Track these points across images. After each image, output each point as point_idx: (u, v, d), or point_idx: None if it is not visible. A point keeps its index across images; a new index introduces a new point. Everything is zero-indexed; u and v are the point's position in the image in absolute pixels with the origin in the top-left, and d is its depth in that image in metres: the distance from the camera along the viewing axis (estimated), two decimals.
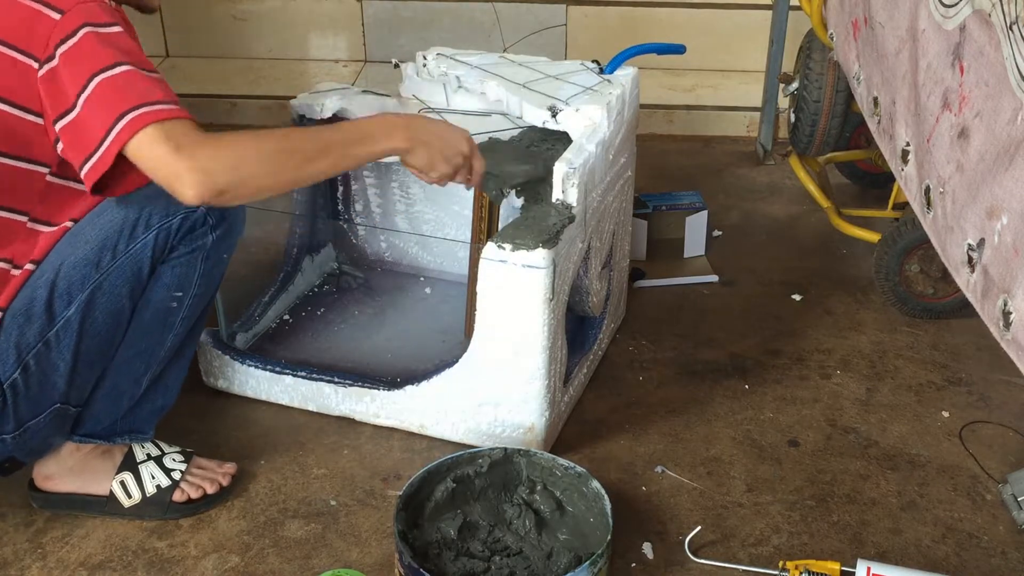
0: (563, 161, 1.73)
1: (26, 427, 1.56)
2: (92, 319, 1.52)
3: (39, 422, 1.57)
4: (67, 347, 1.52)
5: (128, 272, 1.51)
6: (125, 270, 1.51)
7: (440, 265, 2.31)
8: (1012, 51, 1.28)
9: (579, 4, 3.46)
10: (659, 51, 2.09)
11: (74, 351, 1.52)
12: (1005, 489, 1.75)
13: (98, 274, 1.50)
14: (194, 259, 1.57)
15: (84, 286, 1.50)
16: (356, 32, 3.59)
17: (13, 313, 1.49)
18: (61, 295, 1.49)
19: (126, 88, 1.36)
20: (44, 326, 1.50)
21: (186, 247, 1.55)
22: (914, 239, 2.18)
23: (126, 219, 1.50)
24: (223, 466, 1.78)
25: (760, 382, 2.07)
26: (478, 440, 1.83)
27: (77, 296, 1.50)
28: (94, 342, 1.54)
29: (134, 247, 1.51)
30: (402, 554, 1.51)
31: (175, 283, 1.57)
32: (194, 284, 1.59)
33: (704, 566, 1.63)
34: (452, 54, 2.11)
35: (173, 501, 1.71)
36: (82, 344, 1.53)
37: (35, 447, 1.64)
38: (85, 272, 1.49)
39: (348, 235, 2.34)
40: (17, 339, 1.49)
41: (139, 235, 1.51)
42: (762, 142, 3.02)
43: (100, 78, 1.35)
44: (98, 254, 1.49)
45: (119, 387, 1.64)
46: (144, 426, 1.72)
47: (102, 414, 1.66)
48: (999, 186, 1.30)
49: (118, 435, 1.70)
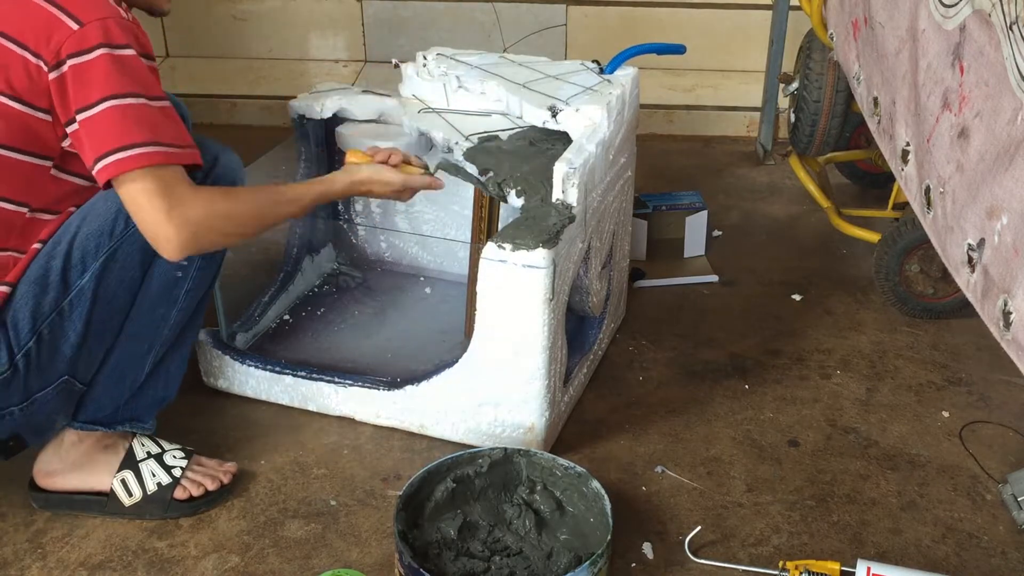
0: (563, 161, 1.73)
1: (34, 399, 1.58)
2: (105, 287, 1.55)
3: (47, 394, 1.59)
4: (79, 316, 1.55)
5: (140, 240, 1.53)
6: (137, 237, 1.53)
7: (440, 265, 2.31)
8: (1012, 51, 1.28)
9: (579, 4, 3.46)
10: (659, 51, 2.09)
11: (86, 320, 1.55)
12: (1005, 489, 1.75)
13: (112, 242, 1.53)
14: None
15: (98, 255, 1.53)
16: (356, 32, 3.59)
17: (28, 282, 1.52)
18: (76, 264, 1.53)
19: (133, 120, 1.42)
20: (59, 295, 1.53)
21: None
22: (914, 239, 2.18)
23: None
24: (224, 465, 1.79)
25: (760, 382, 2.07)
26: (478, 440, 1.83)
27: (91, 265, 1.53)
28: (106, 311, 1.57)
29: None
30: (402, 554, 1.51)
31: None
32: (198, 255, 1.61)
33: (704, 566, 1.63)
34: (452, 54, 2.11)
35: (174, 499, 1.72)
36: (94, 313, 1.56)
37: (40, 423, 1.66)
38: (99, 241, 1.53)
39: (348, 235, 2.34)
40: (33, 308, 1.52)
41: None
42: (762, 142, 3.02)
43: (109, 104, 1.41)
44: (112, 223, 1.53)
45: (123, 367, 1.66)
46: (145, 415, 1.74)
47: (105, 398, 1.68)
48: (999, 186, 1.30)
49: (119, 423, 1.72)
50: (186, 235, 1.45)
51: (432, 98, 2.07)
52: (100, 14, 1.43)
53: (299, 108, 2.07)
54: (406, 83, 2.10)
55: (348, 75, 3.53)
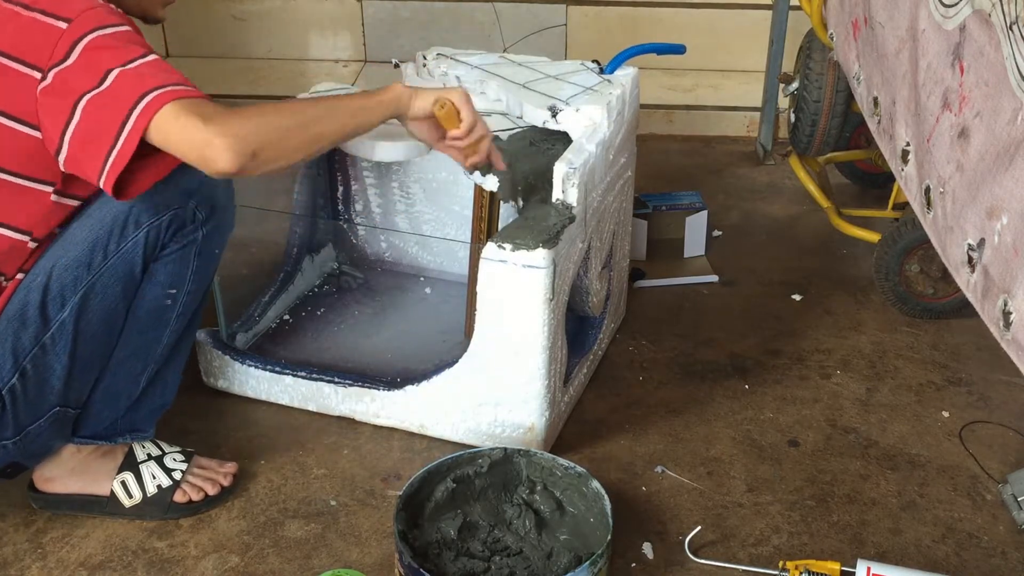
0: (563, 161, 1.73)
1: (26, 432, 1.56)
2: (86, 320, 1.51)
3: (39, 426, 1.57)
4: (63, 350, 1.51)
5: (120, 271, 1.51)
6: (117, 269, 1.50)
7: (440, 265, 2.31)
8: (1012, 51, 1.28)
9: (579, 4, 3.46)
10: (659, 51, 2.09)
11: (70, 353, 1.52)
12: (1005, 489, 1.75)
13: (90, 275, 1.49)
14: (186, 255, 1.56)
15: (77, 288, 1.49)
16: (356, 32, 3.59)
17: (7, 318, 1.48)
18: (55, 298, 1.49)
19: (144, 75, 1.36)
20: (39, 330, 1.49)
21: (177, 243, 1.54)
22: (914, 239, 2.18)
23: (116, 219, 1.49)
24: (224, 466, 1.78)
25: (760, 382, 2.07)
26: (478, 440, 1.83)
27: (70, 298, 1.49)
28: (90, 343, 1.54)
29: (125, 246, 1.50)
30: (402, 554, 1.51)
31: (168, 280, 1.57)
32: (187, 280, 1.59)
33: (704, 566, 1.63)
34: (452, 54, 2.11)
35: (174, 501, 1.72)
36: (78, 346, 1.52)
37: (36, 451, 1.64)
38: (77, 274, 1.49)
39: (348, 235, 2.34)
40: (13, 344, 1.48)
41: (129, 234, 1.50)
42: (762, 142, 3.02)
43: (118, 71, 1.35)
44: (89, 255, 1.49)
45: (117, 387, 1.64)
46: (144, 425, 1.72)
47: (102, 415, 1.66)
48: (999, 186, 1.30)
49: (119, 435, 1.70)
50: (230, 138, 1.33)
51: None
52: (85, 5, 1.39)
53: None
54: (406, 83, 2.09)
55: (348, 75, 3.53)
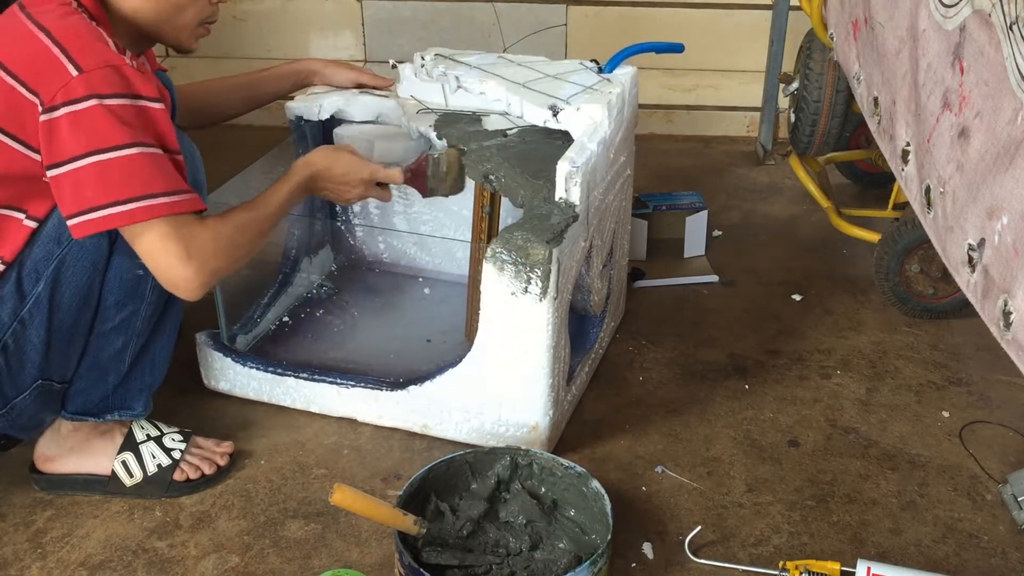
0: (566, 160, 1.73)
1: (12, 404, 1.61)
2: (60, 293, 1.56)
3: (24, 399, 1.62)
4: (40, 323, 1.56)
5: (89, 244, 1.54)
6: (86, 242, 1.54)
7: (438, 265, 2.31)
8: (1012, 51, 1.28)
9: (579, 4, 3.46)
10: (658, 50, 2.09)
11: (47, 326, 1.57)
12: (1005, 489, 1.75)
13: (60, 249, 1.54)
14: None
15: (48, 262, 1.54)
16: (356, 32, 3.59)
17: None
18: (29, 273, 1.54)
19: (126, 174, 1.43)
20: (16, 305, 1.55)
21: None
22: (914, 239, 2.18)
23: None
24: (220, 445, 1.82)
25: (760, 382, 2.07)
26: (482, 439, 1.83)
27: (44, 272, 1.54)
28: (66, 316, 1.58)
29: None
30: (402, 554, 1.51)
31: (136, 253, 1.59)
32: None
33: (704, 566, 1.63)
34: (450, 54, 2.11)
35: (174, 480, 1.75)
36: (54, 319, 1.57)
37: (26, 424, 1.68)
38: (48, 248, 1.54)
39: (346, 236, 2.34)
40: None
41: None
42: (762, 142, 3.02)
43: (97, 158, 1.41)
44: (58, 229, 1.53)
45: (102, 362, 1.67)
46: (133, 403, 1.75)
47: (90, 390, 1.69)
48: (999, 186, 1.30)
49: (109, 411, 1.73)
50: (205, 278, 1.51)
51: (430, 98, 2.06)
52: (101, 61, 1.42)
53: (297, 109, 2.07)
54: (404, 83, 2.09)
55: None
